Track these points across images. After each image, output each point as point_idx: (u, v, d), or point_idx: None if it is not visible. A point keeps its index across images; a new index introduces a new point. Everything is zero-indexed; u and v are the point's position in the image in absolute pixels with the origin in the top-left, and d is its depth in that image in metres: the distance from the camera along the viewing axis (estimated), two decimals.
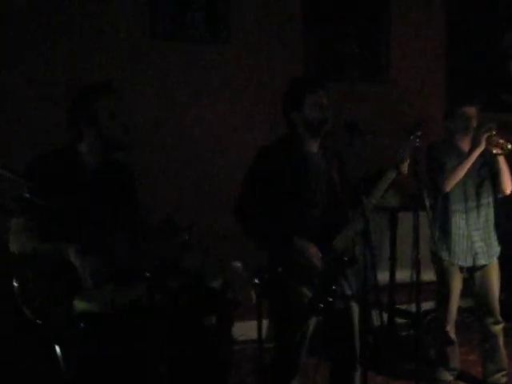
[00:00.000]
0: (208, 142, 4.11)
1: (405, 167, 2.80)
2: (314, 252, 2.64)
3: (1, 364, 2.90)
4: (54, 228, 2.34)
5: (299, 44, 4.37)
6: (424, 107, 4.51)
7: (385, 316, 4.09)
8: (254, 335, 2.56)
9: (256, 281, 1.95)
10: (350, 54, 4.51)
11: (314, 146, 2.80)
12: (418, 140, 2.85)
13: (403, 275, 4.01)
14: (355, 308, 2.76)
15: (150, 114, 3.94)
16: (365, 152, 2.66)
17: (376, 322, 3.79)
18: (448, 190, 3.35)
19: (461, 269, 3.46)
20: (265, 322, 2.52)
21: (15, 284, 2.65)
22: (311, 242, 2.66)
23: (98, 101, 2.45)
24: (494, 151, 3.30)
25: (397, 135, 3.06)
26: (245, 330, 3.90)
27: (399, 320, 4.24)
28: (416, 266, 3.03)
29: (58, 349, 2.27)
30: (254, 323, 2.35)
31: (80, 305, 2.15)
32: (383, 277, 4.05)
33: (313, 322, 2.73)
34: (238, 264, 2.01)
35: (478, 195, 3.44)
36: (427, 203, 3.35)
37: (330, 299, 2.60)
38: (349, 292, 2.73)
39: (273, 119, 3.96)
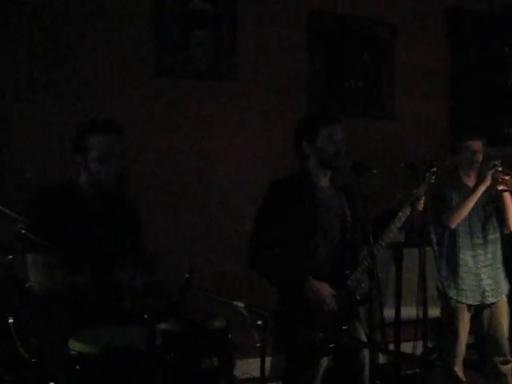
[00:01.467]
0: (212, 179, 4.09)
1: (421, 204, 2.78)
2: (327, 292, 2.60)
3: None
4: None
5: (304, 80, 4.38)
6: (428, 143, 4.49)
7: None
8: (256, 373, 2.49)
9: (259, 322, 1.89)
10: (354, 89, 4.51)
11: (324, 181, 2.77)
12: (433, 177, 2.85)
13: (409, 312, 3.93)
14: (366, 350, 2.70)
15: (153, 151, 3.91)
16: (371, 191, 2.64)
17: (381, 360, 3.71)
18: (453, 226, 3.31)
19: (469, 307, 3.39)
20: (268, 360, 2.46)
21: (10, 321, 2.59)
22: (323, 279, 2.62)
23: (91, 137, 2.40)
24: (500, 188, 3.26)
25: (402, 172, 3.04)
26: (247, 368, 3.81)
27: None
28: (423, 303, 2.98)
29: None
30: (257, 361, 2.27)
31: (75, 346, 2.08)
32: (389, 313, 3.98)
33: (324, 362, 2.67)
34: (241, 304, 1.94)
35: (485, 231, 3.39)
36: (433, 239, 3.32)
37: (341, 339, 2.55)
38: (360, 332, 2.68)
39: (279, 155, 3.96)
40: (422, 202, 2.81)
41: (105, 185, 2.41)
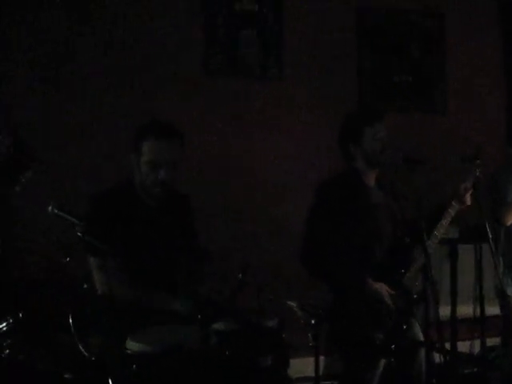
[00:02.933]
0: (260, 178, 4.08)
1: (468, 199, 2.72)
2: (386, 292, 2.58)
3: None
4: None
5: (353, 78, 4.33)
6: (483, 137, 4.36)
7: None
8: (310, 372, 2.49)
9: (313, 322, 1.89)
10: (404, 84, 4.43)
11: (371, 180, 2.75)
12: (478, 169, 2.78)
13: (465, 310, 3.85)
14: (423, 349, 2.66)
15: (202, 150, 3.94)
16: (426, 184, 2.59)
17: (438, 359, 3.63)
18: (509, 223, 3.22)
19: None
20: (321, 360, 2.45)
21: (71, 321, 2.67)
22: (379, 279, 2.60)
23: (145, 141, 2.43)
24: None
25: (454, 166, 2.98)
26: (301, 367, 3.80)
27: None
28: (480, 301, 2.91)
29: None
30: (311, 360, 2.27)
31: (133, 345, 2.13)
32: (444, 312, 3.90)
33: (382, 365, 2.64)
34: (294, 303, 1.94)
35: None
36: (490, 235, 3.23)
37: (401, 340, 2.52)
38: (418, 332, 2.64)
39: (327, 154, 3.93)
40: (469, 195, 2.73)
41: (150, 190, 2.43)
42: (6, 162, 2.28)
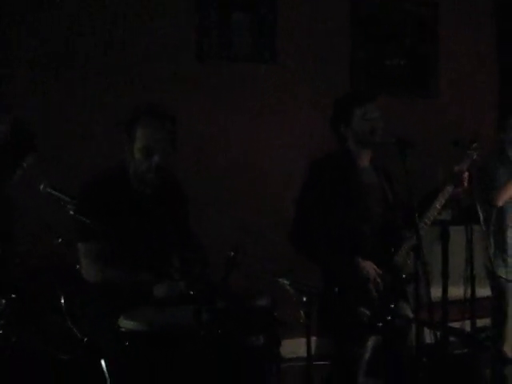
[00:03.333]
0: (256, 161, 4.10)
1: (463, 182, 2.73)
2: (373, 271, 2.59)
3: (48, 380, 2.91)
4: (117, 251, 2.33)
5: (346, 60, 4.34)
6: (475, 120, 4.39)
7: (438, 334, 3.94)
8: (302, 353, 2.51)
9: (304, 299, 1.90)
10: (397, 67, 4.43)
11: (365, 160, 2.77)
12: (475, 153, 2.80)
13: (456, 291, 3.87)
14: (413, 327, 2.68)
15: (194, 135, 3.93)
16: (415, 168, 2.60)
17: (429, 339, 3.66)
18: (501, 204, 3.24)
19: None
20: (313, 340, 2.47)
21: (62, 302, 2.67)
22: (368, 258, 2.61)
23: (139, 125, 2.39)
24: None
25: (446, 150, 2.99)
26: (293, 347, 3.83)
27: (452, 338, 4.08)
28: (470, 282, 2.93)
29: (103, 365, 2.27)
30: (303, 340, 2.28)
31: (125, 323, 2.13)
32: (435, 293, 3.93)
33: (372, 340, 2.67)
34: (286, 281, 1.95)
35: None
36: (481, 217, 3.25)
37: (389, 318, 2.54)
38: (408, 311, 2.66)
39: (321, 136, 3.93)
40: (465, 179, 2.75)
41: (144, 176, 2.42)
42: (5, 147, 2.27)
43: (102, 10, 3.75)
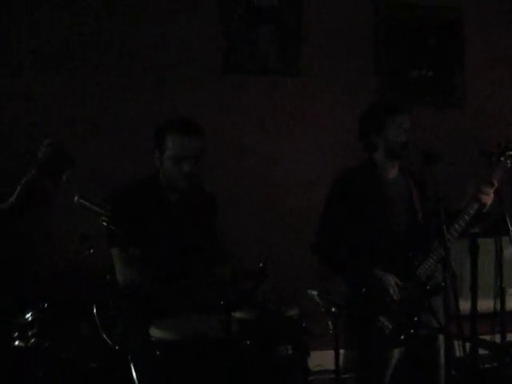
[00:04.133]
0: (281, 173, 4.10)
1: (489, 197, 2.69)
2: (392, 282, 2.58)
3: None
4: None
5: (370, 72, 4.32)
6: (503, 131, 4.33)
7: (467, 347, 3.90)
8: (330, 365, 2.51)
9: (333, 310, 1.91)
10: (423, 79, 4.42)
11: (391, 171, 2.75)
12: (509, 161, 2.76)
13: (486, 304, 3.83)
14: (441, 339, 2.66)
15: (222, 147, 3.97)
16: (444, 181, 2.58)
17: (458, 353, 3.62)
18: None
19: None
20: (342, 352, 2.47)
21: (95, 311, 2.73)
22: (391, 270, 2.60)
23: (168, 137, 2.47)
24: None
25: (475, 160, 2.96)
26: (321, 359, 3.82)
27: (482, 351, 4.03)
28: (500, 295, 2.90)
29: (134, 374, 2.30)
30: (331, 353, 2.29)
31: (155, 332, 2.17)
32: (465, 306, 3.88)
33: (396, 354, 2.65)
34: (315, 292, 1.97)
35: None
36: (511, 228, 3.21)
37: (412, 330, 2.52)
38: (433, 324, 2.63)
39: (344, 150, 3.95)
40: (491, 192, 2.70)
41: (175, 184, 2.48)
42: (47, 162, 2.49)
43: (127, 21, 3.80)
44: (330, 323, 1.92)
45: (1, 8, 3.57)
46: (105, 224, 2.17)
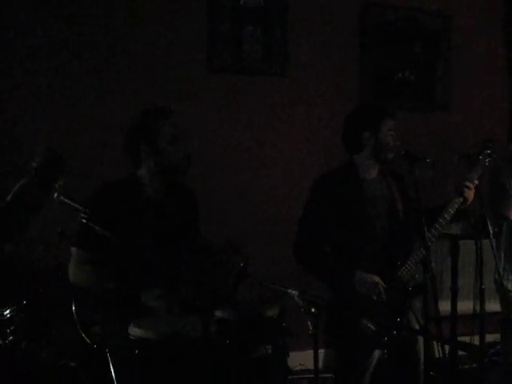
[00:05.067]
0: (264, 172, 4.11)
1: (470, 193, 2.71)
2: (376, 284, 2.58)
3: None
4: (115, 260, 2.38)
5: (356, 73, 4.35)
6: (486, 133, 4.37)
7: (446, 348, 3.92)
8: (310, 365, 2.52)
9: (313, 310, 1.91)
10: (407, 80, 4.44)
11: (372, 172, 2.75)
12: (487, 160, 2.78)
13: (465, 306, 3.86)
14: (420, 340, 2.67)
15: (206, 146, 3.96)
16: (425, 181, 2.60)
17: (437, 354, 3.64)
18: None
19: None
20: (321, 352, 2.48)
21: (74, 309, 2.70)
22: (373, 272, 2.60)
23: (158, 122, 2.48)
24: None
25: (456, 164, 2.98)
26: (301, 359, 3.83)
27: (461, 352, 4.06)
28: (480, 297, 2.92)
29: (113, 373, 2.29)
30: (311, 353, 2.29)
31: (135, 331, 2.16)
32: (445, 307, 3.91)
33: (377, 354, 2.65)
34: (295, 292, 1.97)
35: None
36: (491, 230, 3.24)
37: (395, 332, 2.53)
38: (415, 324, 2.64)
39: (328, 152, 3.96)
40: (473, 188, 2.72)
41: (177, 167, 2.48)
42: (41, 170, 2.49)
43: (111, 19, 3.77)
44: (309, 323, 1.92)
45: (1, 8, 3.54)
46: (84, 221, 2.15)
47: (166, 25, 3.90)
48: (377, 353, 2.66)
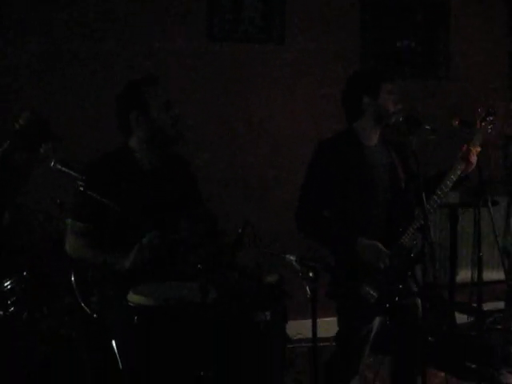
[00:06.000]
0: (262, 140, 4.11)
1: (473, 158, 2.69)
2: (379, 250, 2.58)
3: (60, 358, 2.96)
4: (109, 232, 2.38)
5: (356, 41, 4.31)
6: (486, 102, 4.35)
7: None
8: (309, 334, 2.53)
9: (311, 275, 1.91)
10: (408, 48, 4.41)
11: (373, 139, 2.74)
12: (490, 127, 2.76)
13: (464, 275, 3.88)
14: (419, 305, 2.68)
15: (204, 113, 3.95)
16: (425, 148, 2.58)
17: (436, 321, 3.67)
18: None
19: None
20: (321, 321, 2.48)
21: (73, 279, 2.71)
22: (375, 238, 2.60)
23: (149, 89, 2.46)
24: None
25: (457, 131, 2.96)
26: (302, 328, 3.86)
27: (460, 321, 4.09)
28: (478, 264, 2.92)
29: (113, 341, 2.30)
30: (309, 322, 2.31)
31: (133, 298, 2.16)
32: (445, 276, 3.93)
33: (377, 322, 2.67)
34: (292, 257, 1.97)
35: None
36: (489, 199, 3.22)
37: (397, 299, 2.54)
38: (415, 289, 2.64)
39: (329, 118, 3.94)
40: (475, 154, 2.70)
41: (168, 135, 2.47)
42: (24, 133, 2.48)
43: None
44: (307, 288, 1.92)
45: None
46: (81, 189, 2.15)
47: None
48: (378, 320, 2.67)
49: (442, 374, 3.30)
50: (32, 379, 2.63)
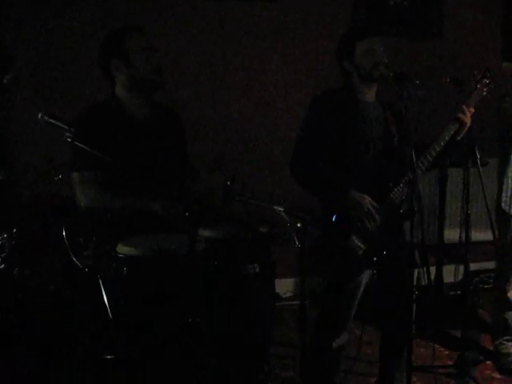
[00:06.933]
0: (254, 98, 4.12)
1: (468, 118, 2.69)
2: (369, 204, 2.60)
3: (51, 312, 2.98)
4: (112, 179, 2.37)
5: (348, 1, 4.27)
6: (479, 61, 4.33)
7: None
8: (298, 292, 2.55)
9: (299, 225, 1.93)
10: (400, 7, 4.37)
11: (369, 96, 2.75)
12: (485, 89, 2.76)
13: (453, 235, 3.90)
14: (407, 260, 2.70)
15: (199, 70, 3.98)
16: (416, 103, 2.57)
17: (423, 281, 3.71)
18: None
19: None
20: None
21: (64, 234, 2.71)
22: (366, 192, 2.62)
23: (129, 37, 2.45)
24: None
25: (448, 90, 2.95)
26: (289, 287, 3.92)
27: (446, 280, 4.14)
28: (465, 225, 2.92)
29: (104, 293, 2.32)
30: (297, 280, 2.33)
31: (123, 249, 2.18)
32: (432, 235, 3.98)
33: (364, 278, 2.69)
34: (281, 208, 1.98)
35: None
36: (479, 159, 3.22)
37: (384, 252, 2.56)
38: (403, 246, 2.66)
39: (323, 73, 3.94)
40: (469, 115, 2.70)
41: (149, 80, 2.46)
42: None
43: None
44: (295, 238, 1.94)
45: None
46: (69, 140, 2.14)
47: None
48: (366, 274, 2.70)
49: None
50: (23, 335, 2.66)
